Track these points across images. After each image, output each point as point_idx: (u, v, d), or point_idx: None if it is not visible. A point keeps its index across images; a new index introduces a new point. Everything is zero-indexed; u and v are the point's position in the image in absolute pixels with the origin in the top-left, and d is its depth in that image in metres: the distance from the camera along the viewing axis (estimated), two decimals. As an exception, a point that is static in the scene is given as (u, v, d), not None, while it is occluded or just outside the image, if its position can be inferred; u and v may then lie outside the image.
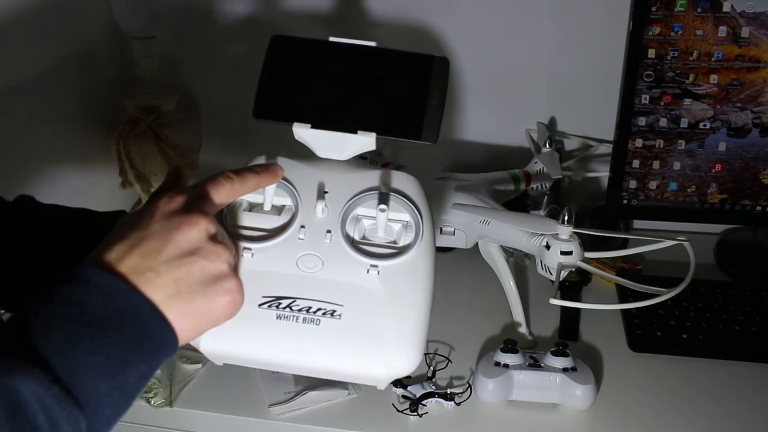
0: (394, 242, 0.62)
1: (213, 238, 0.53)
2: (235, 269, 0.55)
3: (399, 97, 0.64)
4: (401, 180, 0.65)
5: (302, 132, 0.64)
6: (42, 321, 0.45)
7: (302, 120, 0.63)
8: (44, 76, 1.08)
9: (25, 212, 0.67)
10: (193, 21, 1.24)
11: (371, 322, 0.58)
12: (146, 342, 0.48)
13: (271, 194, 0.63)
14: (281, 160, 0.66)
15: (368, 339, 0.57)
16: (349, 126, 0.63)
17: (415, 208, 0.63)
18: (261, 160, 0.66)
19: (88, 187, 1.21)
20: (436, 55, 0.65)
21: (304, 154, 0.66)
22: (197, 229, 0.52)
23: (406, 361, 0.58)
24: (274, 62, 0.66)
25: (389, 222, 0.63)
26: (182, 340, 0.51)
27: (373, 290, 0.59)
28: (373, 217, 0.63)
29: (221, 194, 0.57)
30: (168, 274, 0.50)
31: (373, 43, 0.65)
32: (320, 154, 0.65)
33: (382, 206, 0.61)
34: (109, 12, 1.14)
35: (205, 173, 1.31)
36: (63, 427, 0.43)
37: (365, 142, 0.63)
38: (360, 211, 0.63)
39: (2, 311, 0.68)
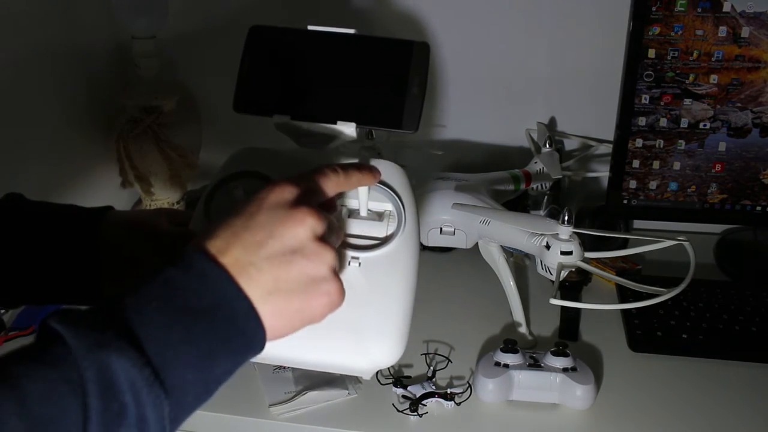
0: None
1: (318, 238, 0.51)
2: (336, 270, 0.52)
3: (379, 85, 0.63)
4: (383, 168, 0.62)
5: (282, 123, 0.63)
6: (141, 300, 0.45)
7: (281, 111, 0.63)
8: (44, 76, 1.08)
9: (11, 209, 0.67)
10: (193, 21, 1.24)
11: (351, 315, 0.57)
12: (237, 338, 0.47)
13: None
14: (259, 150, 0.65)
15: (348, 332, 0.57)
16: (329, 116, 0.63)
17: (397, 198, 0.61)
18: (246, 152, 0.65)
19: (88, 187, 1.21)
20: (416, 40, 0.64)
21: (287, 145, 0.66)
22: (303, 227, 0.50)
23: (386, 353, 0.57)
24: (253, 53, 0.65)
25: (370, 212, 0.61)
26: (271, 338, 0.50)
27: (354, 282, 0.58)
28: (356, 209, 0.61)
29: (327, 186, 0.55)
30: (269, 270, 0.49)
31: (352, 30, 0.64)
32: (301, 145, 0.64)
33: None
34: (109, 12, 1.14)
35: (205, 173, 1.32)
36: (148, 411, 0.43)
37: (345, 132, 0.63)
38: (341, 201, 0.62)
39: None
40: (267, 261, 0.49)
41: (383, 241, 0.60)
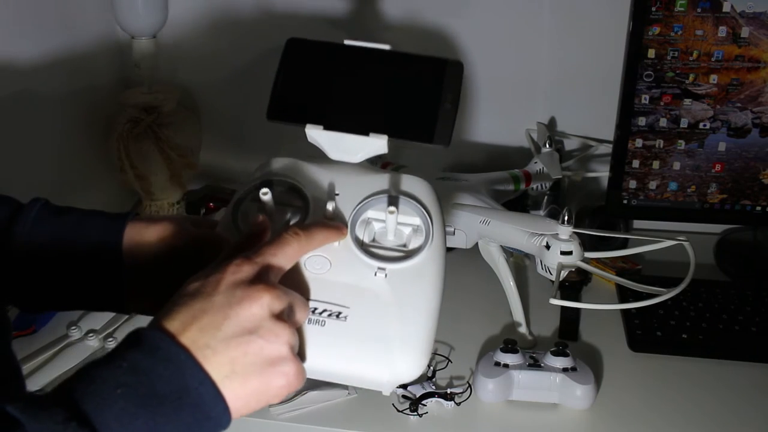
0: (404, 246, 0.62)
1: (276, 316, 0.51)
2: (294, 349, 0.52)
3: (412, 100, 0.64)
4: (412, 183, 0.65)
5: (315, 133, 0.63)
6: (107, 387, 0.45)
7: (315, 121, 0.63)
8: (44, 76, 1.08)
9: (36, 214, 0.67)
10: (193, 21, 1.24)
11: (377, 325, 0.57)
12: (203, 423, 0.47)
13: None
14: (291, 161, 0.66)
15: (373, 342, 0.57)
16: (362, 128, 0.63)
17: (425, 212, 0.62)
18: (277, 162, 0.66)
19: (88, 187, 1.21)
20: (449, 58, 0.65)
21: (316, 156, 0.66)
22: (259, 306, 0.50)
23: (410, 366, 0.57)
24: (289, 64, 0.65)
25: (399, 225, 0.62)
26: (233, 418, 0.50)
27: (380, 293, 0.59)
28: (383, 221, 0.62)
29: (288, 255, 0.55)
30: (224, 352, 0.49)
31: (387, 47, 0.64)
32: (332, 156, 0.64)
33: (391, 208, 0.60)
34: (109, 12, 1.14)
35: (205, 173, 1.32)
36: None
37: (377, 144, 0.62)
38: (370, 214, 0.63)
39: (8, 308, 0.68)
40: (223, 343, 0.49)
41: (410, 254, 0.61)
